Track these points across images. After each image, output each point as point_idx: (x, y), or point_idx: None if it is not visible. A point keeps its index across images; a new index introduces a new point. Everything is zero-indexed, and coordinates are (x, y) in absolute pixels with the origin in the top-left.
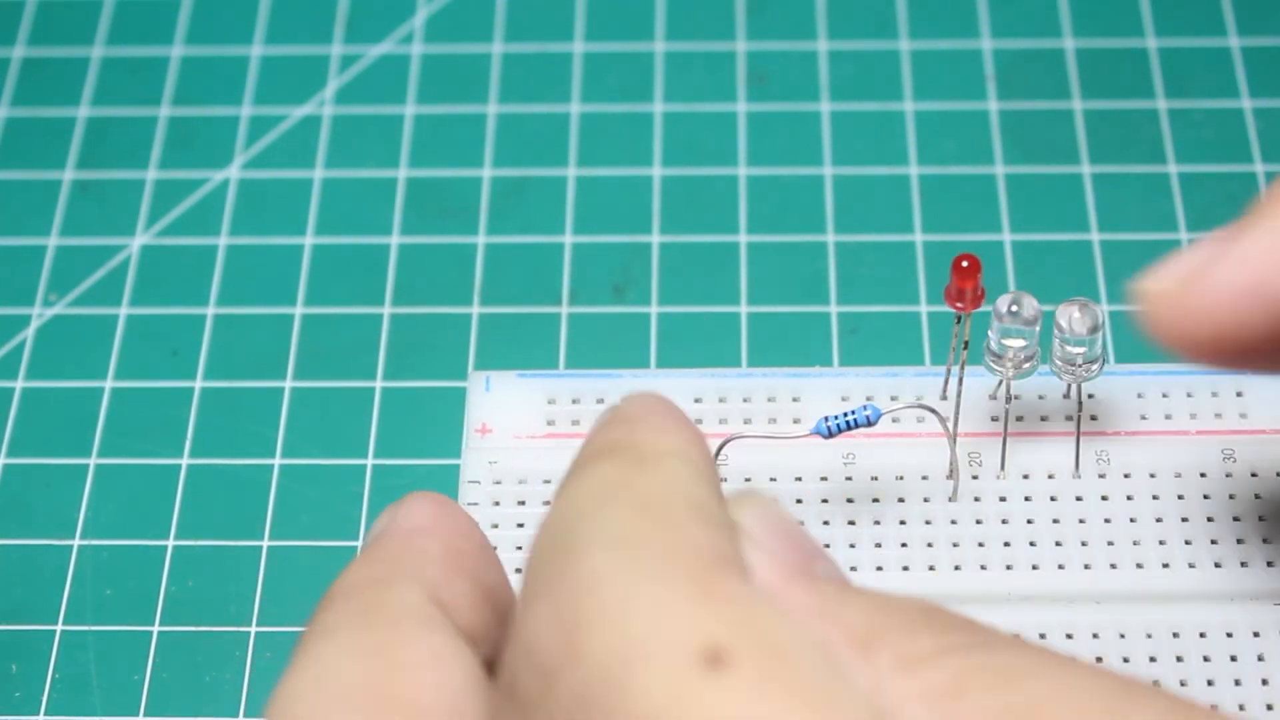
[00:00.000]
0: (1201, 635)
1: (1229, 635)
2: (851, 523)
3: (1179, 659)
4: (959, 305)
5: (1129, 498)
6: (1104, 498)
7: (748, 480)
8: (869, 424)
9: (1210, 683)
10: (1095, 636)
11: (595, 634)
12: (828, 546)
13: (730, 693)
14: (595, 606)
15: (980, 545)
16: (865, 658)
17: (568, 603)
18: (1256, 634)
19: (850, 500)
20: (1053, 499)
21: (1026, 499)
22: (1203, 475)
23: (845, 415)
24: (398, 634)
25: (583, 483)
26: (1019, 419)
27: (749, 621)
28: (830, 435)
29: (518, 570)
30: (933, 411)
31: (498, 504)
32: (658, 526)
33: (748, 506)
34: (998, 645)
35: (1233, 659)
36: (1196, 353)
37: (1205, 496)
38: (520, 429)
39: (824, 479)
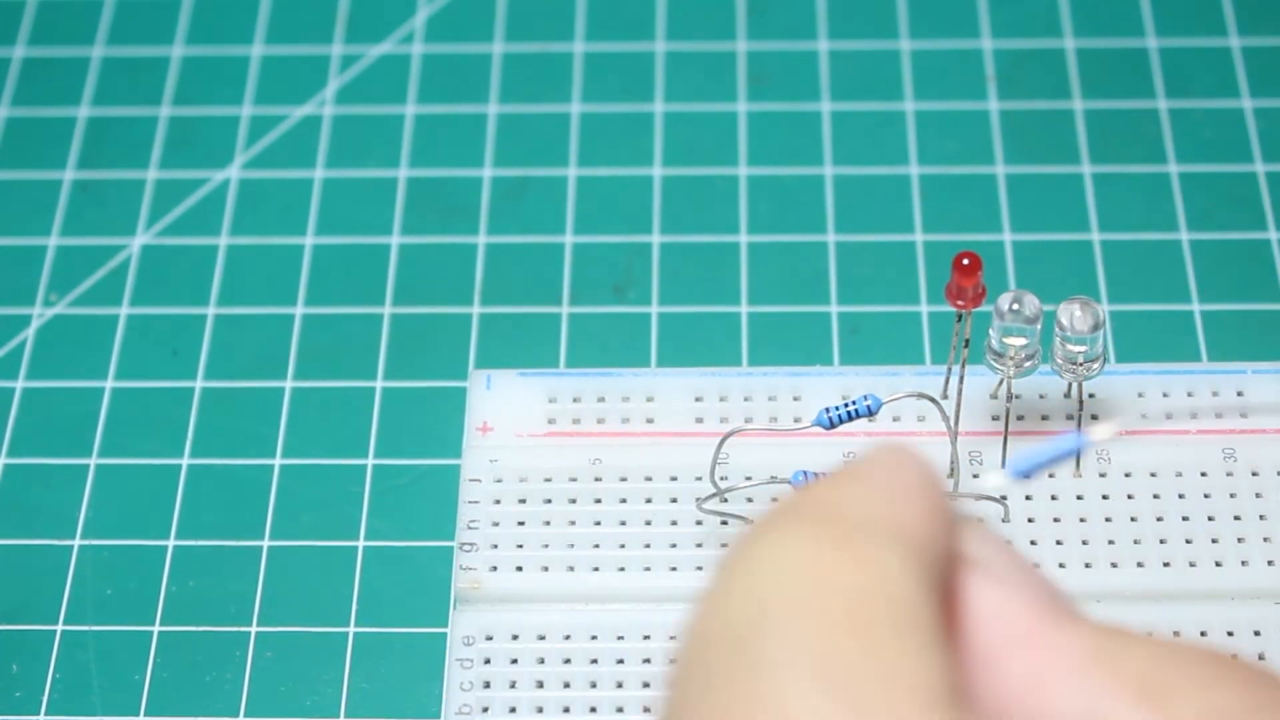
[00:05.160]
0: (1202, 633)
1: (1230, 634)
2: None
3: None
4: (960, 303)
5: (1130, 496)
6: (1105, 496)
7: (748, 479)
8: (870, 414)
9: None
10: None
11: None
12: None
13: None
14: None
15: None
16: (1152, 709)
17: None
18: (1257, 632)
19: None
20: (1054, 497)
21: (1027, 497)
22: (1203, 474)
23: (846, 405)
24: None
25: (771, 552)
26: (1020, 418)
27: None
28: (831, 426)
29: (518, 569)
30: (931, 400)
31: (499, 502)
32: (864, 647)
33: (978, 540)
34: None
35: (1233, 657)
36: None
37: (1206, 495)
38: (521, 427)
39: None
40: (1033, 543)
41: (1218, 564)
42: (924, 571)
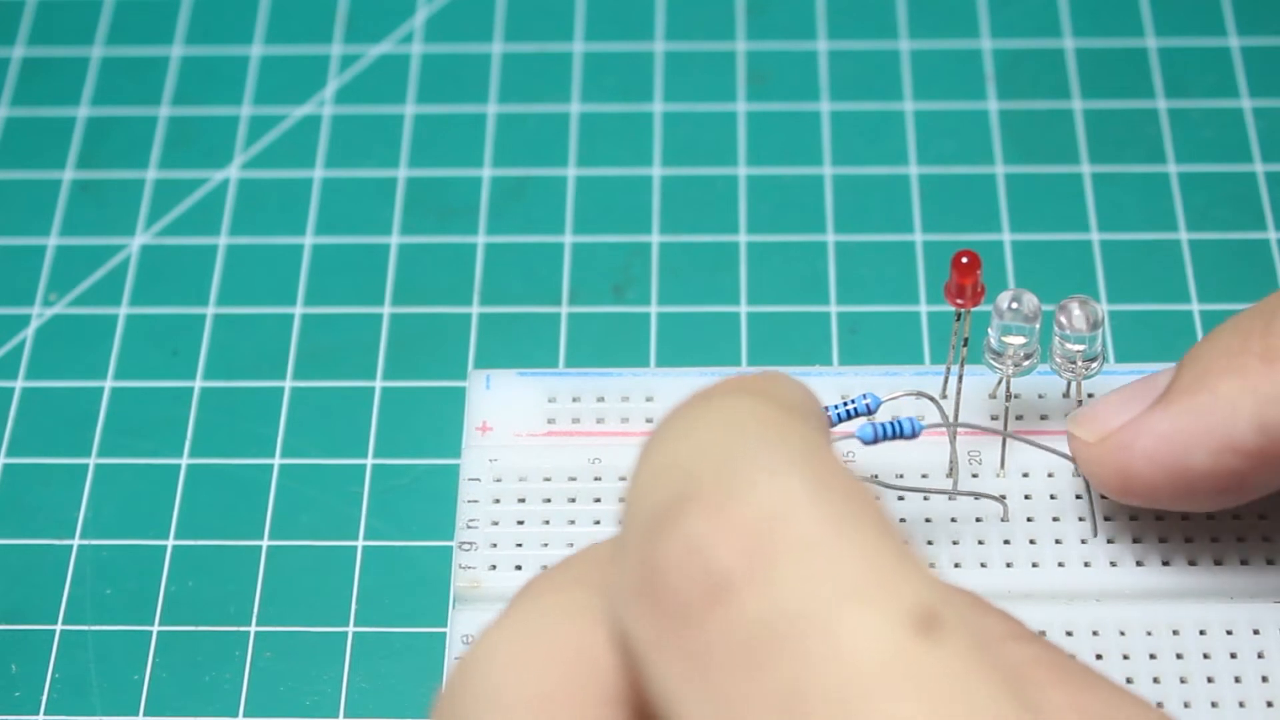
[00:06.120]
0: (1201, 633)
1: (1229, 633)
2: None
3: (1179, 656)
4: (959, 301)
5: None
6: (1103, 495)
7: None
8: (869, 413)
9: (1210, 679)
10: (1095, 634)
11: (795, 562)
12: None
13: (945, 661)
14: (794, 533)
15: (980, 543)
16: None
17: (752, 518)
18: (1256, 631)
19: None
20: (1052, 497)
21: (1026, 497)
22: None
23: (845, 405)
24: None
25: (734, 406)
26: (1019, 417)
27: (949, 592)
28: (830, 425)
29: (518, 568)
30: (931, 399)
31: (498, 501)
32: (833, 469)
33: None
34: (1050, 646)
35: (1233, 656)
36: (1109, 494)
37: None
38: (521, 427)
39: None
40: (1032, 541)
41: (1218, 562)
42: (833, 446)
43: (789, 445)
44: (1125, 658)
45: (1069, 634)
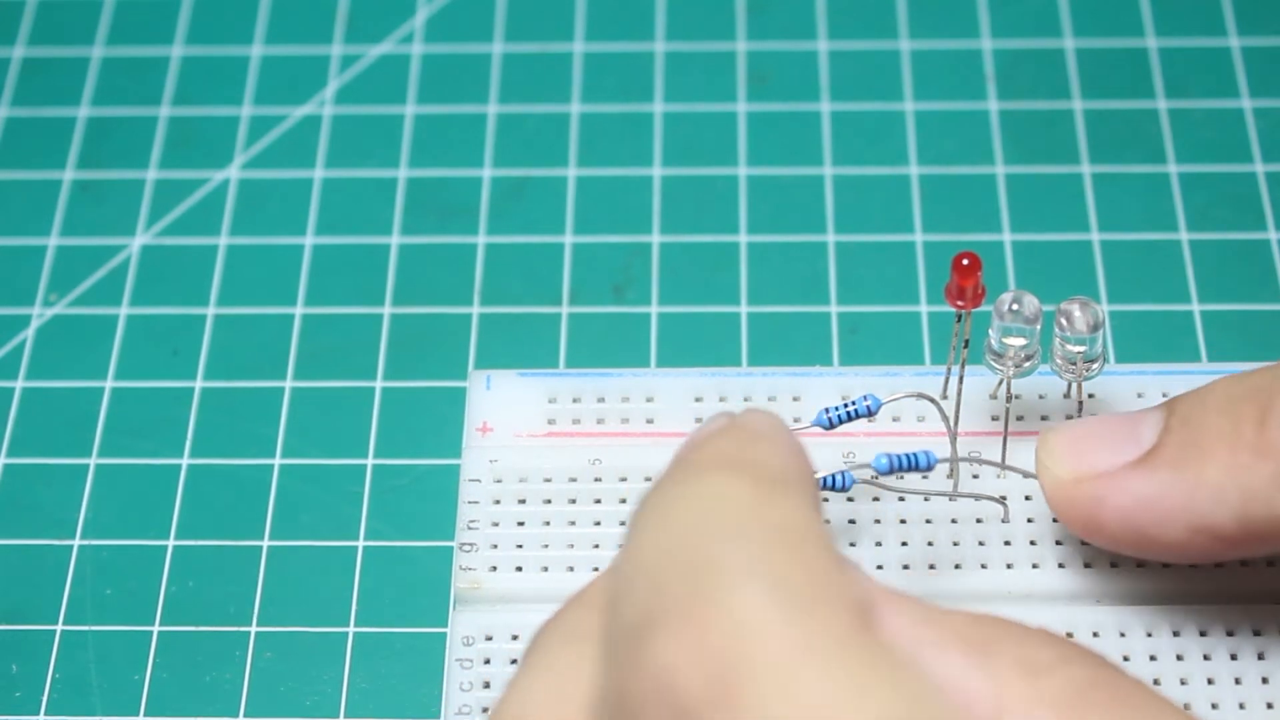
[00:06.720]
0: (1202, 634)
1: (1230, 634)
2: (852, 521)
3: (1179, 657)
4: (959, 303)
5: None
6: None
7: None
8: (869, 414)
9: (1210, 681)
10: (1096, 635)
11: (760, 690)
12: None
13: None
14: (755, 658)
15: (981, 544)
16: (985, 662)
17: (717, 641)
18: (1257, 632)
19: (851, 499)
20: None
21: (1027, 498)
22: None
23: (845, 406)
24: None
25: (708, 492)
26: (1019, 418)
27: (920, 703)
28: (831, 426)
29: (518, 569)
30: (931, 400)
31: (498, 502)
32: (803, 566)
33: None
34: (1100, 663)
35: (1233, 657)
36: (1071, 532)
37: None
38: (521, 427)
39: None
40: (1032, 542)
41: (1218, 564)
42: (818, 512)
43: (759, 542)
44: (1126, 659)
45: (1069, 635)
